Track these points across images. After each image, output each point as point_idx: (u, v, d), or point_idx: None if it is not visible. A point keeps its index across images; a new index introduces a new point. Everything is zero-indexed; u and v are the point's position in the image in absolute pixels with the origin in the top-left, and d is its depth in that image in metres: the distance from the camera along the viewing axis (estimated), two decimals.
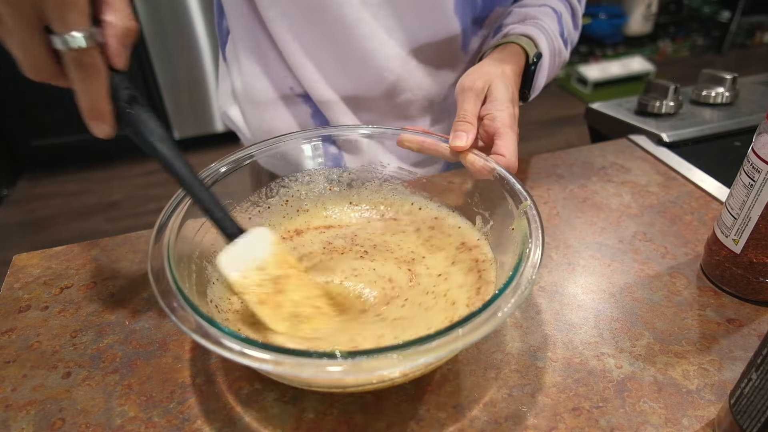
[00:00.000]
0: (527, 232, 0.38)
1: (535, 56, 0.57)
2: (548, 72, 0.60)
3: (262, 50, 0.64)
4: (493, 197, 0.46)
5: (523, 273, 0.35)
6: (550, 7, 0.62)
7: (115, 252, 0.56)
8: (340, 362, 0.30)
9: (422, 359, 0.30)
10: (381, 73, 0.61)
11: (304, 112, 0.67)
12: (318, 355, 0.30)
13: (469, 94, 0.50)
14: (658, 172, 0.68)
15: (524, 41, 0.57)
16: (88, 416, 0.39)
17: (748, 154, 0.44)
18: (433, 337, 0.31)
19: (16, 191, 2.28)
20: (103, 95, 0.34)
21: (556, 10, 0.63)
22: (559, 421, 0.38)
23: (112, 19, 0.33)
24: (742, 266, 0.46)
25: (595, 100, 0.88)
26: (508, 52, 0.56)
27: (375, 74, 0.62)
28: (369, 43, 0.59)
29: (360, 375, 0.31)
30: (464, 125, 0.48)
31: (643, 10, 3.13)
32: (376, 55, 0.60)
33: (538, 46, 0.57)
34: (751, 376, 0.33)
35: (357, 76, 0.62)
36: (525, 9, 0.62)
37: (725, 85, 0.82)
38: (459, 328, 0.31)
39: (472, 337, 0.31)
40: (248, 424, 0.38)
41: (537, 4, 0.63)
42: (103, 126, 0.35)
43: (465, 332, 0.31)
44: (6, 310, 0.49)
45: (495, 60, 0.54)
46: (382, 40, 0.59)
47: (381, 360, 0.30)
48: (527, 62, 0.57)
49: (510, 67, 0.54)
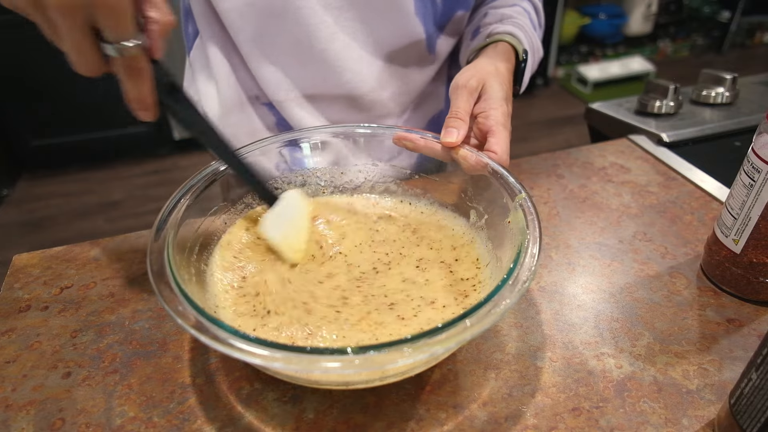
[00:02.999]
0: (524, 224, 0.39)
1: (523, 53, 0.57)
2: (531, 67, 0.61)
3: (228, 55, 0.64)
4: (487, 191, 0.46)
5: (524, 263, 0.36)
6: (520, 7, 0.64)
7: (115, 252, 0.56)
8: (351, 357, 0.30)
9: (432, 350, 0.30)
10: (344, 75, 0.61)
11: (270, 119, 0.67)
12: (329, 351, 0.30)
13: (463, 91, 0.50)
14: (658, 172, 0.68)
15: (511, 39, 0.58)
16: (88, 416, 0.39)
17: (748, 154, 0.44)
18: (442, 329, 0.31)
19: (16, 191, 2.28)
20: (149, 90, 0.38)
21: (526, 10, 0.64)
22: (559, 421, 0.38)
23: (155, 16, 0.36)
24: (742, 266, 0.46)
25: (595, 100, 0.88)
26: (500, 50, 0.56)
27: (338, 76, 0.62)
28: (331, 45, 0.59)
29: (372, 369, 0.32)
30: (455, 121, 0.48)
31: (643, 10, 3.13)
32: (339, 57, 0.60)
33: (522, 43, 0.58)
34: (751, 376, 0.33)
35: (321, 79, 0.62)
36: (500, 10, 0.63)
37: (725, 85, 0.82)
38: (467, 318, 0.32)
39: (480, 327, 0.32)
40: (248, 424, 0.38)
41: (508, 4, 0.64)
42: (148, 113, 0.39)
43: (473, 322, 0.32)
44: (6, 310, 0.49)
45: (488, 58, 0.55)
46: (344, 42, 0.60)
47: (392, 353, 0.30)
48: (517, 59, 0.57)
49: (503, 65, 0.54)
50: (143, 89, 0.37)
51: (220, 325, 0.32)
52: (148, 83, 0.37)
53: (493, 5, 0.65)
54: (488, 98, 0.50)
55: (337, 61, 0.60)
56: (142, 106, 0.38)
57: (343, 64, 0.61)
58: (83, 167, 2.39)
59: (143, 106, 0.38)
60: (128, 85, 0.37)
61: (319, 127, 0.53)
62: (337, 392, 0.40)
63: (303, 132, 0.53)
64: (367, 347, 0.30)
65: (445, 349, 0.31)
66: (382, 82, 0.64)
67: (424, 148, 0.50)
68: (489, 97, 0.50)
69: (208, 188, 0.45)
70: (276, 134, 0.52)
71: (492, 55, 0.55)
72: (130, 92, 0.37)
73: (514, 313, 0.47)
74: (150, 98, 0.38)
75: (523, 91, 0.60)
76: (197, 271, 0.42)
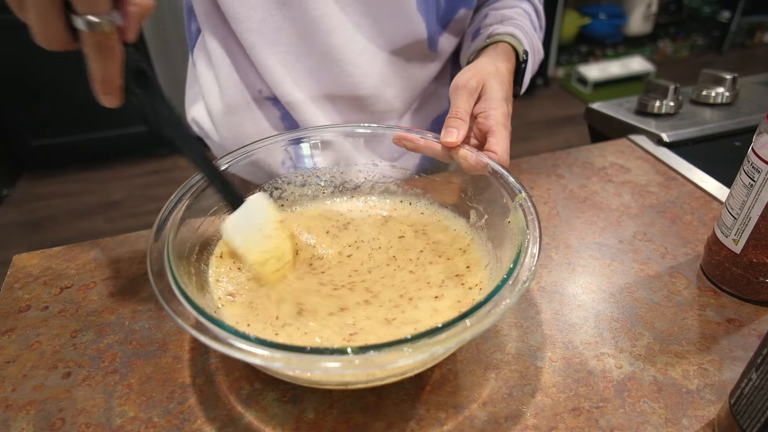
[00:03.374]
0: (524, 224, 0.39)
1: (524, 53, 0.58)
2: (532, 68, 0.61)
3: (231, 52, 0.63)
4: (487, 191, 0.46)
5: (524, 263, 0.36)
6: (521, 8, 0.64)
7: (115, 252, 0.56)
8: (351, 357, 0.30)
9: (432, 350, 0.30)
10: (347, 68, 0.61)
11: (273, 115, 0.66)
12: (329, 351, 0.30)
13: (463, 91, 0.50)
14: (658, 172, 0.68)
15: (511, 40, 0.58)
16: (88, 416, 0.39)
17: (748, 154, 0.44)
18: (442, 329, 0.31)
19: (16, 191, 2.28)
20: (117, 72, 0.35)
21: (526, 11, 0.64)
22: (559, 421, 0.38)
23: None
24: (742, 266, 0.46)
25: (595, 100, 0.88)
26: (500, 50, 0.56)
27: (341, 69, 0.61)
28: (335, 38, 0.59)
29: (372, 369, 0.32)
30: (455, 121, 0.48)
31: (643, 10, 3.13)
32: (343, 50, 0.60)
33: (522, 44, 0.58)
34: (751, 376, 0.33)
35: (324, 73, 0.62)
36: (501, 11, 0.63)
37: (725, 85, 0.82)
38: (467, 318, 0.32)
39: (479, 327, 0.32)
40: (248, 424, 0.38)
41: (509, 5, 0.64)
42: (112, 99, 0.36)
43: (473, 322, 0.32)
44: (6, 310, 0.49)
45: (489, 58, 0.55)
46: (349, 34, 0.59)
47: (392, 353, 0.30)
48: (518, 60, 0.58)
49: (504, 66, 0.54)
50: (111, 71, 0.34)
51: (220, 325, 0.32)
52: (118, 65, 0.35)
53: (493, 6, 0.65)
54: (488, 98, 0.50)
55: (340, 54, 0.60)
56: (108, 90, 0.35)
57: (346, 58, 0.60)
58: (83, 167, 2.39)
59: (108, 89, 0.35)
60: (96, 64, 0.34)
61: (320, 127, 0.53)
62: (337, 392, 0.40)
63: (304, 131, 0.52)
64: (368, 347, 0.30)
65: (445, 349, 0.31)
66: (385, 78, 0.64)
67: (424, 148, 0.50)
68: (489, 97, 0.50)
69: (208, 188, 0.45)
70: (278, 133, 0.52)
71: (492, 56, 0.56)
72: (97, 72, 0.34)
73: (514, 313, 0.47)
74: (117, 81, 0.35)
75: (524, 92, 0.61)
76: (197, 271, 0.42)
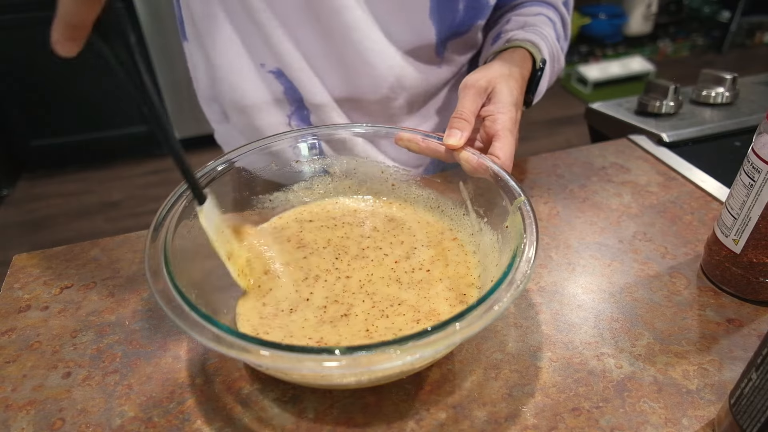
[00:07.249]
0: (521, 228, 0.39)
1: (541, 61, 0.57)
2: (549, 78, 0.60)
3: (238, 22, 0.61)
4: (488, 194, 0.46)
5: (518, 268, 0.35)
6: (545, 16, 0.63)
7: (115, 252, 0.56)
8: (339, 357, 0.30)
9: (420, 353, 0.30)
10: (369, 63, 0.60)
11: (277, 88, 0.64)
12: (317, 350, 0.30)
13: (470, 90, 0.50)
14: (658, 172, 0.68)
15: (530, 47, 0.57)
16: (88, 416, 0.39)
17: (748, 154, 0.44)
18: (431, 332, 0.31)
19: (16, 191, 2.28)
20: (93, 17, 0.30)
21: (551, 19, 0.63)
22: (559, 421, 0.38)
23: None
24: (742, 266, 0.46)
25: (595, 100, 0.88)
26: (517, 55, 0.56)
27: (365, 66, 0.60)
28: (359, 33, 0.58)
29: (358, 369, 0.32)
30: (460, 122, 0.48)
31: (643, 10, 3.13)
32: (366, 47, 0.59)
33: (541, 52, 0.58)
34: (751, 376, 0.33)
35: (351, 73, 0.61)
36: (523, 17, 0.62)
37: (725, 85, 0.82)
38: (456, 322, 0.32)
39: (469, 330, 0.31)
40: (248, 424, 0.38)
41: (533, 13, 0.63)
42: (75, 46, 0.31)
43: (462, 326, 0.32)
44: (6, 310, 0.49)
45: (504, 62, 0.54)
46: (369, 31, 0.59)
47: (380, 355, 0.30)
48: (533, 67, 0.57)
49: (518, 71, 0.54)
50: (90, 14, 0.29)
51: (219, 325, 0.32)
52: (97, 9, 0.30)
53: (518, 12, 0.64)
54: (497, 101, 0.50)
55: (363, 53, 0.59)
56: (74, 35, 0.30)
57: (369, 57, 0.59)
58: (83, 167, 2.39)
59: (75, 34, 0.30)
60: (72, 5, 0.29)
61: (321, 127, 0.53)
62: (337, 392, 0.40)
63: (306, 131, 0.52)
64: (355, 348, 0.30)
65: (434, 351, 0.31)
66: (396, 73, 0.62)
67: (427, 150, 0.49)
68: (498, 100, 0.50)
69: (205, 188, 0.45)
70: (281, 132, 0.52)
71: (507, 59, 0.55)
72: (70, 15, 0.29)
73: (513, 313, 0.47)
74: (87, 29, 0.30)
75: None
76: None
